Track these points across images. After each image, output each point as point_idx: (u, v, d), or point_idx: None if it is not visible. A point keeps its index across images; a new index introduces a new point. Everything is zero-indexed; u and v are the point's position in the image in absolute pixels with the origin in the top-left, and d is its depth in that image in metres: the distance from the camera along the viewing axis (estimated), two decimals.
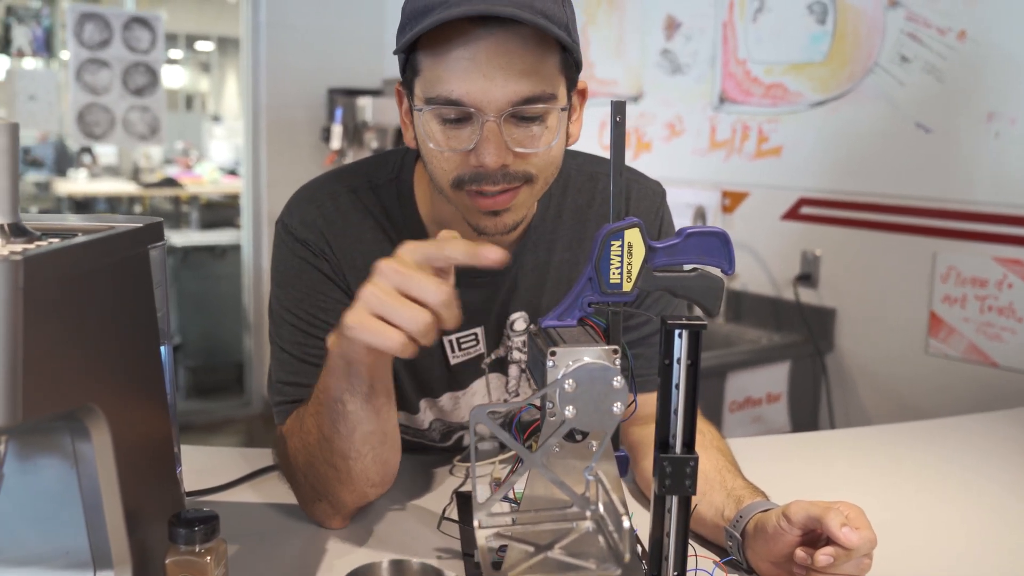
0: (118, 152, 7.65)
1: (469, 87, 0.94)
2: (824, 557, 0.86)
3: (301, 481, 1.04)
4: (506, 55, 0.93)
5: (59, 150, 6.34)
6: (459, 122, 0.97)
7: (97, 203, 6.45)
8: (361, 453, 0.97)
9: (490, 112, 0.95)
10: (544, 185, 1.04)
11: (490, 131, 0.95)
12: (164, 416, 0.84)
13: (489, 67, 0.93)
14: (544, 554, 0.68)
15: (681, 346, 0.76)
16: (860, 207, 2.56)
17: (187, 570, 0.77)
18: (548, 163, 1.02)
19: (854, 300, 2.60)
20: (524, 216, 1.05)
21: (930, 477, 1.34)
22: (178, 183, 6.68)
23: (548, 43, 0.96)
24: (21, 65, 3.79)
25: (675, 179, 3.11)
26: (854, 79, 2.53)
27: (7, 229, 0.70)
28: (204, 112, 12.60)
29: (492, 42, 0.93)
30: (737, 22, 2.84)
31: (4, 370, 0.58)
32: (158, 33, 3.80)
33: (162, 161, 8.64)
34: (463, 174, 0.98)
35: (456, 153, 0.98)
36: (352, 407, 0.93)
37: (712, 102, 2.95)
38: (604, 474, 0.80)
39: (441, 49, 0.94)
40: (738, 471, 1.09)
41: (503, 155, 0.96)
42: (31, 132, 6.13)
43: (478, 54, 0.93)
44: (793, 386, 2.67)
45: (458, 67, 0.94)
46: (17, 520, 0.75)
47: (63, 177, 6.35)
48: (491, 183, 0.98)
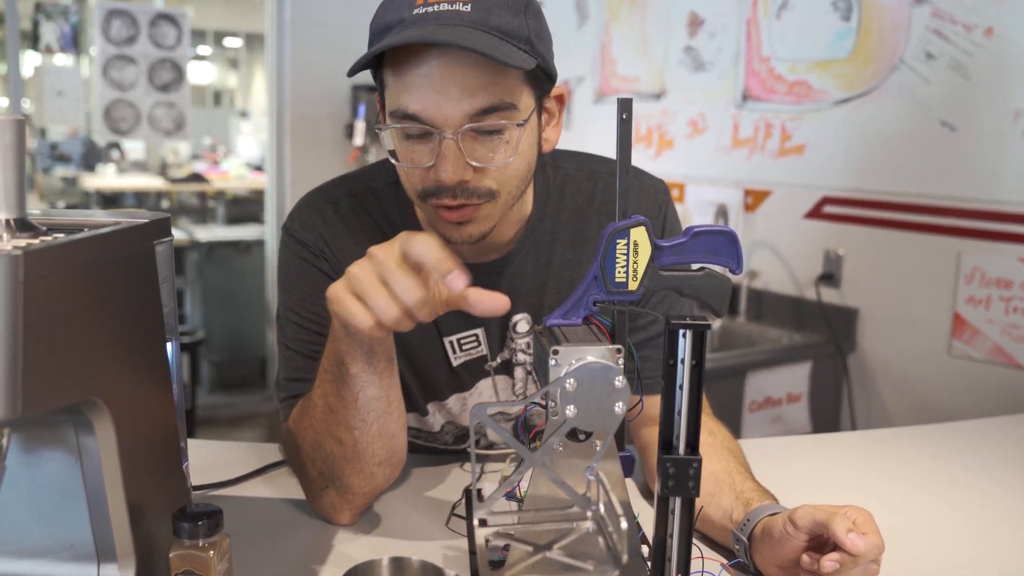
0: (146, 147, 7.73)
1: (424, 103, 0.95)
2: (830, 563, 0.85)
3: (309, 470, 1.04)
4: (459, 72, 0.94)
5: (87, 145, 6.42)
6: (421, 138, 0.99)
7: (125, 198, 6.52)
8: (366, 423, 0.97)
9: (447, 129, 0.96)
10: (509, 199, 1.04)
11: (447, 148, 0.96)
12: (170, 411, 0.84)
13: (443, 83, 0.95)
14: (543, 554, 0.68)
15: (685, 346, 0.76)
16: (884, 206, 2.52)
17: (190, 564, 0.78)
18: (511, 177, 1.02)
19: (877, 300, 2.57)
20: (491, 227, 1.05)
21: (951, 480, 1.32)
22: (204, 178, 6.73)
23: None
24: (52, 61, 3.83)
25: (697, 177, 3.09)
26: (879, 76, 2.50)
27: (12, 224, 0.71)
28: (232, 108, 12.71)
29: (445, 60, 0.94)
30: (761, 19, 2.82)
31: (4, 363, 0.59)
32: (184, 29, 3.83)
33: (190, 156, 8.72)
34: (426, 187, 1.00)
35: (419, 169, 1.00)
36: (355, 370, 0.94)
37: (735, 100, 2.93)
38: (608, 474, 0.80)
39: (400, 67, 0.97)
40: (748, 473, 1.08)
41: (460, 171, 0.97)
42: (60, 128, 6.21)
43: (432, 71, 0.95)
44: (814, 387, 2.65)
45: (413, 84, 0.96)
46: (22, 513, 0.76)
47: (91, 172, 6.43)
48: (451, 197, 0.99)
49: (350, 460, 1.00)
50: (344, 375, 0.95)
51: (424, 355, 1.19)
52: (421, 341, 1.18)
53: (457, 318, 1.17)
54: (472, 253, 1.15)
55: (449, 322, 1.17)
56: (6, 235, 0.70)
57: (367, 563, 0.74)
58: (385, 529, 1.06)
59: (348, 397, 0.96)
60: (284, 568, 0.95)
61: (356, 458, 1.00)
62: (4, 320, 0.59)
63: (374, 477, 1.02)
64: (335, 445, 1.00)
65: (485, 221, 1.03)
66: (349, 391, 0.96)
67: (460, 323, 1.17)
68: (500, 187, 1.01)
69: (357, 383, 0.95)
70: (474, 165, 0.98)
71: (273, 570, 0.95)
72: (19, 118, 0.70)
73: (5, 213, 0.71)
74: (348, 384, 0.95)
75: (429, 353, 1.19)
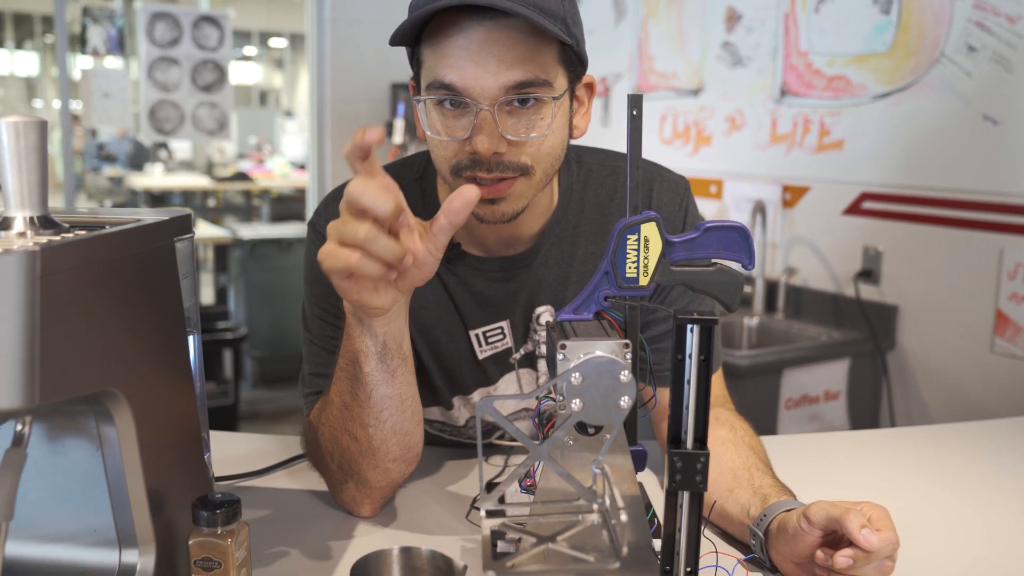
0: (192, 147, 7.89)
1: (462, 73, 0.97)
2: (843, 559, 0.84)
3: (328, 464, 1.06)
4: (497, 44, 0.96)
5: (136, 145, 6.56)
6: (456, 111, 1.00)
7: (173, 196, 6.66)
8: (380, 420, 0.99)
9: (483, 100, 0.98)
10: (543, 177, 1.06)
11: (483, 119, 0.98)
12: (191, 402, 0.87)
13: (481, 55, 0.96)
14: (546, 545, 0.68)
15: (693, 341, 0.76)
16: (924, 202, 2.48)
17: (209, 551, 0.80)
18: (545, 154, 1.03)
19: (917, 297, 2.53)
20: (523, 207, 1.06)
21: (986, 479, 1.29)
22: (249, 177, 6.85)
23: (544, 34, 0.98)
24: (99, 64, 3.93)
25: (735, 173, 3.07)
26: (919, 70, 2.45)
27: (36, 221, 0.73)
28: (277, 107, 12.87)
29: (484, 32, 0.96)
30: (799, 13, 2.78)
31: (22, 354, 0.61)
32: (226, 31, 3.90)
33: (236, 156, 8.86)
34: (460, 161, 1.01)
35: (454, 141, 1.01)
36: (368, 368, 0.96)
37: (773, 95, 2.90)
38: (619, 469, 0.80)
39: (437, 40, 0.98)
40: (768, 469, 1.07)
41: (496, 143, 0.98)
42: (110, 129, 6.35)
43: (471, 43, 0.96)
44: (852, 384, 2.62)
45: (452, 55, 0.97)
46: (48, 499, 0.78)
47: (140, 172, 6.57)
48: (485, 170, 1.00)
49: (366, 456, 1.02)
50: (358, 374, 0.97)
51: (450, 349, 1.20)
52: (447, 335, 1.19)
53: (483, 312, 1.18)
54: (498, 246, 1.16)
55: (475, 315, 1.18)
56: (30, 232, 0.73)
57: (377, 552, 0.75)
58: (405, 521, 1.08)
59: (362, 395, 0.98)
60: (303, 558, 0.97)
61: (371, 454, 1.01)
62: (22, 313, 0.61)
63: (390, 472, 1.04)
64: (351, 441, 1.01)
65: (518, 199, 1.04)
66: (363, 389, 0.97)
67: (485, 316, 1.19)
68: (534, 163, 1.02)
69: (370, 381, 0.97)
70: (509, 139, 0.99)
71: (292, 560, 0.97)
72: (41, 120, 0.73)
73: (29, 211, 0.73)
74: (362, 383, 0.97)
75: (455, 347, 1.20)
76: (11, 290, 0.61)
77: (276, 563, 0.95)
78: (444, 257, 1.15)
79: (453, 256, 1.17)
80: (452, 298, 1.18)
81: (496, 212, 1.04)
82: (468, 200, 0.85)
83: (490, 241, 1.16)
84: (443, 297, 1.18)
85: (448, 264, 1.17)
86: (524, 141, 1.00)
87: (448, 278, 1.17)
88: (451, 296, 1.18)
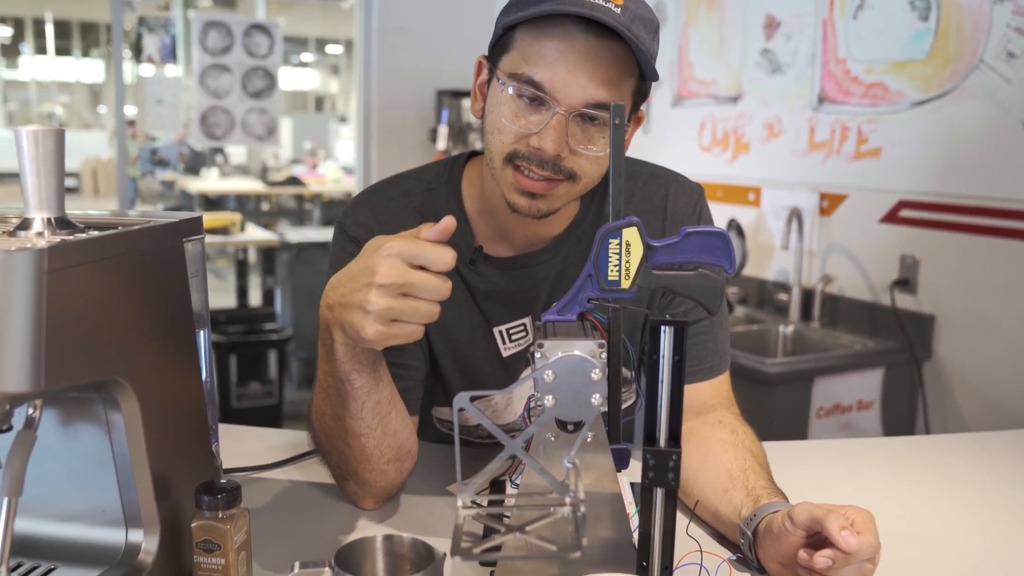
0: (247, 152, 8.08)
1: (553, 75, 1.02)
2: (822, 560, 0.86)
3: (330, 462, 1.11)
4: (594, 60, 1.01)
5: (193, 150, 6.74)
6: (533, 106, 1.04)
7: (227, 200, 6.83)
8: (372, 427, 1.03)
9: (563, 106, 1.02)
10: (584, 188, 1.11)
11: (558, 122, 1.03)
12: (198, 394, 0.92)
13: (577, 65, 1.01)
14: (514, 534, 0.72)
15: (666, 342, 0.79)
16: (962, 210, 2.45)
17: (209, 534, 0.85)
18: (595, 168, 1.08)
19: (955, 307, 2.50)
20: (557, 208, 1.11)
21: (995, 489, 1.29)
22: (301, 182, 6.99)
23: (631, 67, 1.04)
24: (154, 71, 4.06)
25: (773, 181, 3.06)
26: (957, 77, 2.43)
27: (53, 222, 0.79)
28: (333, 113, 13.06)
29: (586, 45, 1.01)
30: (837, 20, 2.77)
31: (30, 343, 0.67)
32: (276, 39, 4.01)
33: (290, 161, 9.04)
34: (518, 150, 1.06)
35: (520, 131, 1.05)
36: (361, 383, 1.00)
37: (811, 102, 2.89)
38: (599, 467, 0.83)
39: (539, 35, 1.03)
40: (764, 473, 1.09)
41: (561, 147, 1.03)
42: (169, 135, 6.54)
43: (571, 51, 1.01)
44: (887, 394, 2.59)
45: (549, 55, 1.02)
46: (61, 480, 0.84)
47: (196, 176, 6.75)
48: (539, 166, 1.05)
49: (361, 462, 1.06)
50: (350, 390, 1.00)
51: (471, 348, 1.23)
52: (468, 334, 1.23)
53: (505, 309, 1.22)
54: (522, 244, 1.20)
55: (499, 313, 1.22)
56: (47, 232, 0.79)
57: (360, 540, 0.79)
58: (407, 514, 1.12)
59: (354, 409, 1.02)
60: (301, 544, 1.02)
61: (366, 460, 1.06)
62: (30, 305, 0.67)
63: (386, 474, 1.08)
64: (345, 448, 1.06)
65: (555, 200, 1.09)
66: (355, 403, 1.01)
67: (508, 313, 1.22)
68: (583, 175, 1.07)
69: (361, 394, 1.01)
70: (571, 147, 1.04)
71: (291, 546, 1.01)
72: (59, 129, 0.79)
73: (46, 212, 0.79)
74: (355, 397, 1.01)
75: (478, 346, 1.23)
76: (20, 284, 0.67)
77: (276, 548, 1.00)
78: (466, 260, 1.20)
79: (475, 258, 1.21)
80: (474, 297, 1.22)
81: (533, 207, 1.09)
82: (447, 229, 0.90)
83: (516, 238, 1.20)
84: (465, 296, 1.21)
85: (471, 266, 1.21)
86: (584, 153, 1.05)
87: (471, 277, 1.21)
88: (473, 295, 1.21)
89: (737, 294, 3.14)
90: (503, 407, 1.28)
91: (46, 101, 14.80)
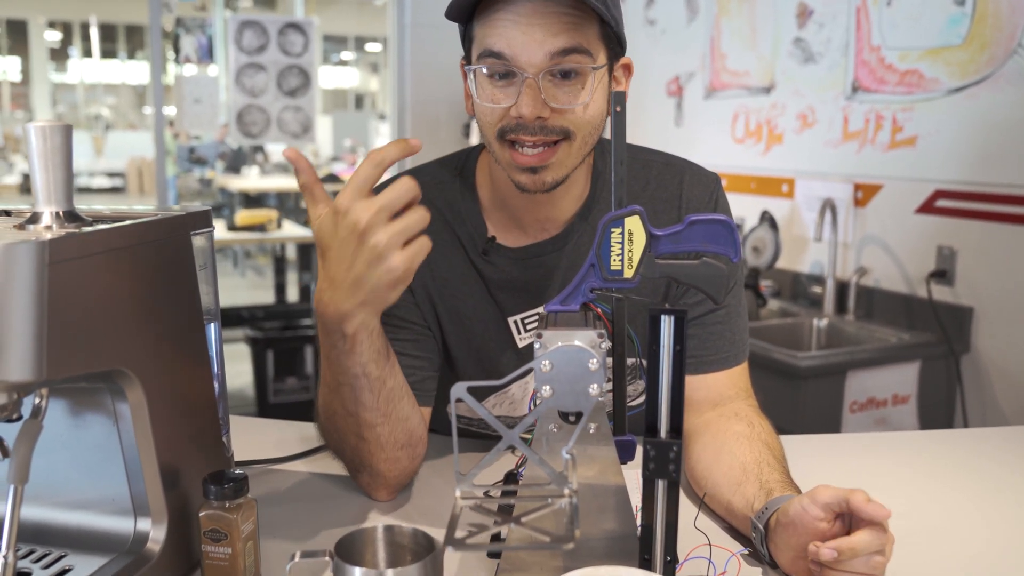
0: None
1: (510, 42, 1.05)
2: (827, 552, 0.85)
3: (342, 455, 1.11)
4: (544, 15, 1.04)
5: (233, 148, 6.83)
6: (504, 81, 1.07)
7: (267, 198, 6.91)
8: (387, 415, 1.04)
9: (529, 69, 1.05)
10: (583, 144, 1.11)
11: (528, 86, 1.05)
12: (207, 385, 0.93)
13: (529, 26, 1.04)
14: (509, 525, 0.72)
15: (666, 331, 0.78)
16: (1000, 199, 2.40)
17: (216, 523, 0.86)
18: (586, 121, 1.09)
19: (993, 298, 2.44)
20: (564, 176, 1.12)
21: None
22: (339, 179, 7.05)
23: (587, 11, 1.06)
24: (190, 71, 4.13)
25: (806, 171, 3.01)
26: (995, 63, 2.37)
27: (62, 215, 0.81)
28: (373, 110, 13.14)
29: (532, 5, 1.04)
30: (871, 6, 2.72)
31: (32, 333, 0.68)
32: (310, 37, 4.04)
33: (330, 158, 9.12)
34: (505, 125, 1.08)
35: (500, 107, 1.08)
36: (377, 372, 1.00)
37: (845, 91, 2.84)
38: (603, 459, 0.83)
39: (489, 13, 1.07)
40: (779, 466, 1.07)
41: (539, 107, 1.05)
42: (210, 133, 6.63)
43: (519, 15, 1.05)
44: (923, 388, 2.54)
45: (500, 25, 1.05)
46: (71, 469, 0.86)
47: (236, 174, 6.84)
48: (529, 133, 1.07)
49: (375, 452, 1.07)
50: (366, 383, 1.00)
51: (486, 339, 1.23)
52: (483, 325, 1.23)
53: (520, 298, 1.21)
54: (535, 229, 1.21)
55: (513, 302, 1.22)
56: (55, 225, 0.80)
57: (361, 530, 0.80)
58: (417, 505, 1.12)
59: (370, 400, 1.02)
60: (310, 535, 1.03)
61: (380, 448, 1.07)
62: (33, 296, 0.68)
63: (399, 460, 1.09)
64: (359, 441, 1.06)
65: (559, 168, 1.10)
66: (371, 394, 1.01)
67: (523, 302, 1.22)
68: (575, 129, 1.09)
69: (377, 384, 1.01)
70: (552, 106, 1.06)
71: (300, 536, 1.02)
72: (67, 125, 0.80)
73: (55, 206, 0.81)
74: (371, 388, 1.01)
75: (493, 337, 1.23)
76: (23, 276, 0.68)
77: (284, 539, 1.01)
78: (479, 250, 1.20)
79: (488, 248, 1.21)
80: (488, 287, 1.22)
81: (538, 181, 1.10)
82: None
83: (527, 222, 1.20)
84: (479, 287, 1.22)
85: (484, 256, 1.21)
86: (566, 109, 1.07)
87: (484, 267, 1.21)
88: (487, 285, 1.22)
89: (771, 287, 3.10)
90: (519, 398, 1.27)
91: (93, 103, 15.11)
